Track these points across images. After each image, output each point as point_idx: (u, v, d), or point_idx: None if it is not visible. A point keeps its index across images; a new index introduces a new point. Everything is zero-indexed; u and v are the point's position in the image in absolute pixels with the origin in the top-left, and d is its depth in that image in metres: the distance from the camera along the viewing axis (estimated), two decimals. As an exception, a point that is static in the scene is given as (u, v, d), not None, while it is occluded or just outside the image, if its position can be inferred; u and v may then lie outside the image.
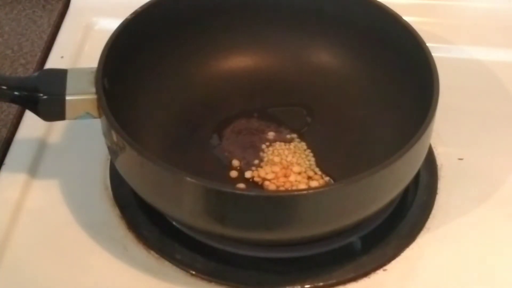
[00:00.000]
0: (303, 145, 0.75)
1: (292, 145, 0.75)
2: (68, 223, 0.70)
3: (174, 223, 0.70)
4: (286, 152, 0.74)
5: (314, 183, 0.71)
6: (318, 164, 0.73)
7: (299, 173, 0.72)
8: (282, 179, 0.71)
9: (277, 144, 0.75)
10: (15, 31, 0.89)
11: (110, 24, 0.74)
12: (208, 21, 0.78)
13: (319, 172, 0.72)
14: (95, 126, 0.69)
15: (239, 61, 0.80)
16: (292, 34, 0.79)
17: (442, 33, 0.88)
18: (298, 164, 0.73)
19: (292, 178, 0.71)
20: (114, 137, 0.65)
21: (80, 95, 0.68)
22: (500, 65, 0.85)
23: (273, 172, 0.72)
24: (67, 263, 0.68)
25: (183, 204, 0.64)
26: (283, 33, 0.79)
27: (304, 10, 0.78)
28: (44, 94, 0.68)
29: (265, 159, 0.74)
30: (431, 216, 0.72)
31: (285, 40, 0.80)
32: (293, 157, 0.73)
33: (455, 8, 0.91)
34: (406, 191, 0.71)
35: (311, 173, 0.72)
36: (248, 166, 0.73)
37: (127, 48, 0.72)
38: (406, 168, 0.66)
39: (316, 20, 0.78)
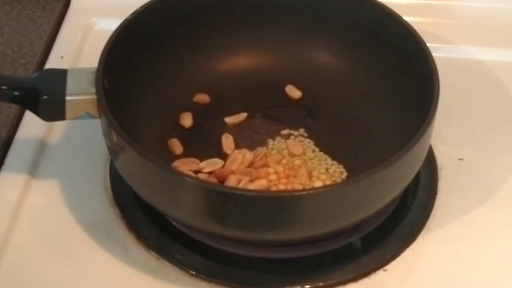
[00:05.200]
0: (303, 145, 0.75)
1: (292, 145, 0.74)
2: (68, 223, 0.70)
3: (174, 223, 0.70)
4: (287, 152, 0.74)
5: (315, 183, 0.71)
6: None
7: (300, 173, 0.72)
8: (283, 180, 0.71)
9: (278, 144, 0.75)
10: (15, 31, 0.89)
11: (110, 24, 0.74)
12: (209, 21, 0.78)
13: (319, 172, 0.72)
14: (95, 126, 0.69)
15: (240, 61, 0.80)
16: (292, 34, 0.79)
17: (442, 33, 0.88)
18: (299, 164, 0.73)
19: (293, 178, 0.71)
20: (114, 137, 0.65)
21: (80, 95, 0.68)
22: (500, 65, 0.85)
23: (274, 172, 0.72)
24: (67, 263, 0.68)
25: (183, 204, 0.64)
26: (283, 33, 0.79)
27: (304, 10, 0.78)
28: (44, 94, 0.68)
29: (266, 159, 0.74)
30: (431, 216, 0.72)
31: (285, 40, 0.80)
32: (293, 157, 0.73)
33: (455, 8, 0.91)
34: (406, 191, 0.71)
35: (311, 173, 0.72)
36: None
37: (127, 48, 0.72)
38: (406, 168, 0.66)
39: (316, 20, 0.78)
